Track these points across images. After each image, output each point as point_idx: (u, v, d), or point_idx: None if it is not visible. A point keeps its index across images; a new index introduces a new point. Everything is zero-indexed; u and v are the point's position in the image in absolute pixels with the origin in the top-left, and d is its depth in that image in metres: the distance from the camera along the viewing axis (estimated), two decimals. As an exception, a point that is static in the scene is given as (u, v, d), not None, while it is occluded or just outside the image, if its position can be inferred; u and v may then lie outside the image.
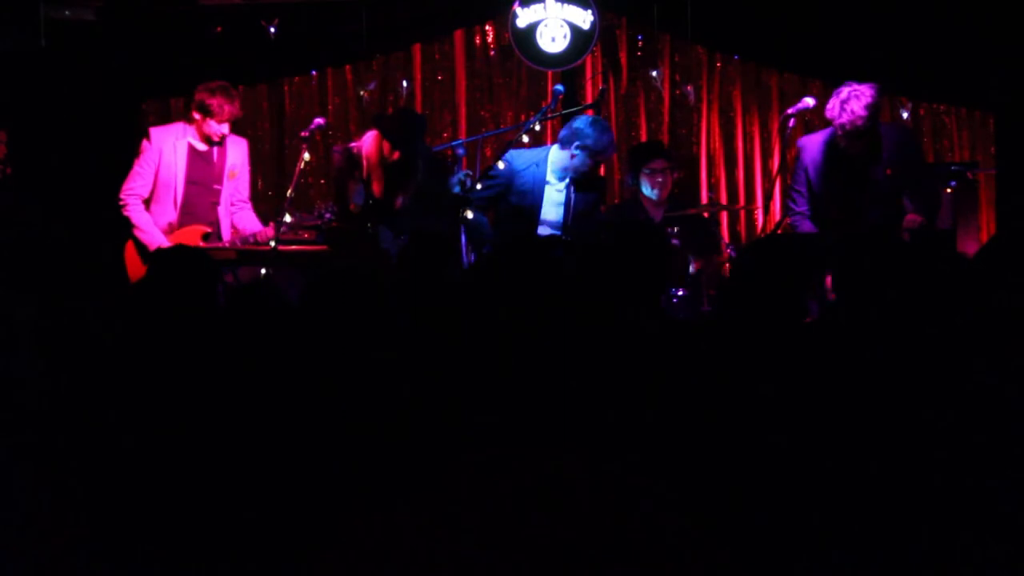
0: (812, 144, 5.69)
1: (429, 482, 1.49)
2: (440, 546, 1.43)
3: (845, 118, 5.32)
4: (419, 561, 1.42)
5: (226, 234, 6.09)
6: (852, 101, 5.32)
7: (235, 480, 2.44)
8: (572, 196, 6.00)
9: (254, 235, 6.02)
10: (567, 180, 5.98)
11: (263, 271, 6.07)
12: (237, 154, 6.18)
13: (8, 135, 6.28)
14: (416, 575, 1.42)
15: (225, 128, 6.00)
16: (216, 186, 6.08)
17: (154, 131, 6.06)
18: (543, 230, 5.99)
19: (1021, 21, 6.61)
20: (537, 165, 6.00)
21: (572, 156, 5.93)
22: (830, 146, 5.56)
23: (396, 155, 5.85)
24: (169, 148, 5.99)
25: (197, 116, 5.98)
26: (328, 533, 1.48)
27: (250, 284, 5.94)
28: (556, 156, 6.02)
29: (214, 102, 5.93)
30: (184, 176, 5.99)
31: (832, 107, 5.39)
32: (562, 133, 6.05)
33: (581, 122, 5.97)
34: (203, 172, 6.05)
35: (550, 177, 6.00)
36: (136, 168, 6.01)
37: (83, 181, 6.45)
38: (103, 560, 2.24)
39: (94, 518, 2.29)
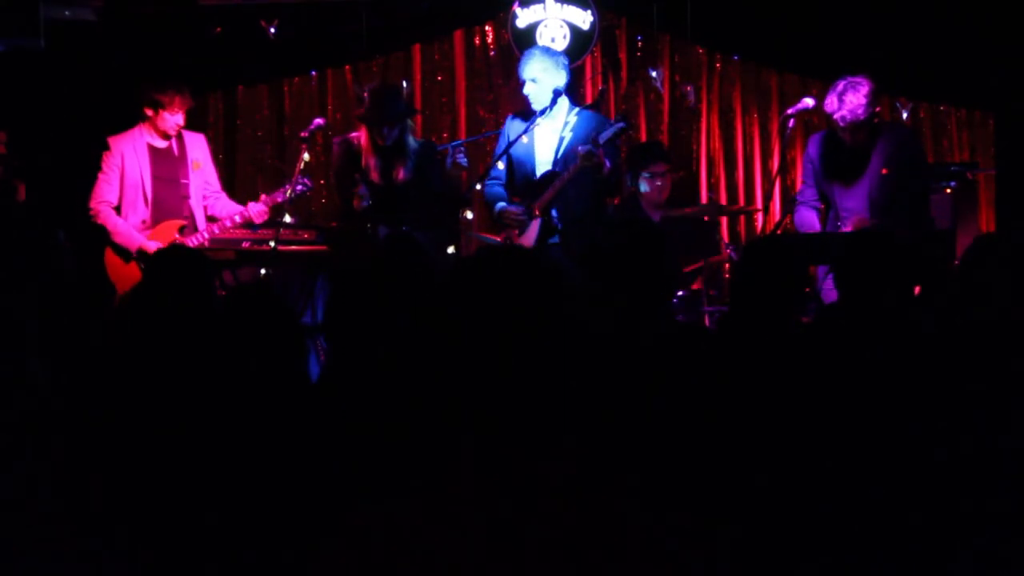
0: (816, 138, 5.76)
1: (429, 482, 1.49)
2: (441, 545, 1.43)
3: (845, 110, 5.32)
4: (420, 560, 1.42)
5: (201, 224, 6.11)
6: (849, 93, 5.32)
7: (236, 479, 2.44)
8: (565, 134, 5.89)
9: (241, 214, 6.03)
10: (548, 114, 5.89)
11: (263, 271, 6.07)
12: (197, 147, 6.25)
13: (8, 135, 6.28)
14: (417, 574, 1.42)
15: (179, 118, 6.04)
16: (183, 180, 6.14)
17: (112, 139, 6.10)
18: (540, 168, 5.90)
19: (1021, 21, 6.62)
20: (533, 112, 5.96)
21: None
22: (833, 140, 5.59)
23: (384, 131, 5.86)
24: (130, 151, 6.05)
25: (150, 112, 6.03)
26: (328, 532, 1.48)
27: (250, 284, 5.95)
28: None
29: (163, 96, 5.98)
30: (150, 174, 6.05)
31: (830, 102, 5.38)
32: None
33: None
34: (167, 168, 6.11)
35: (539, 119, 5.91)
36: (101, 178, 6.07)
37: (82, 182, 6.44)
38: (104, 560, 2.24)
39: (95, 518, 2.29)
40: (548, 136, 5.92)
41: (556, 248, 5.81)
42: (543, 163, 5.91)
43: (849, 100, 5.30)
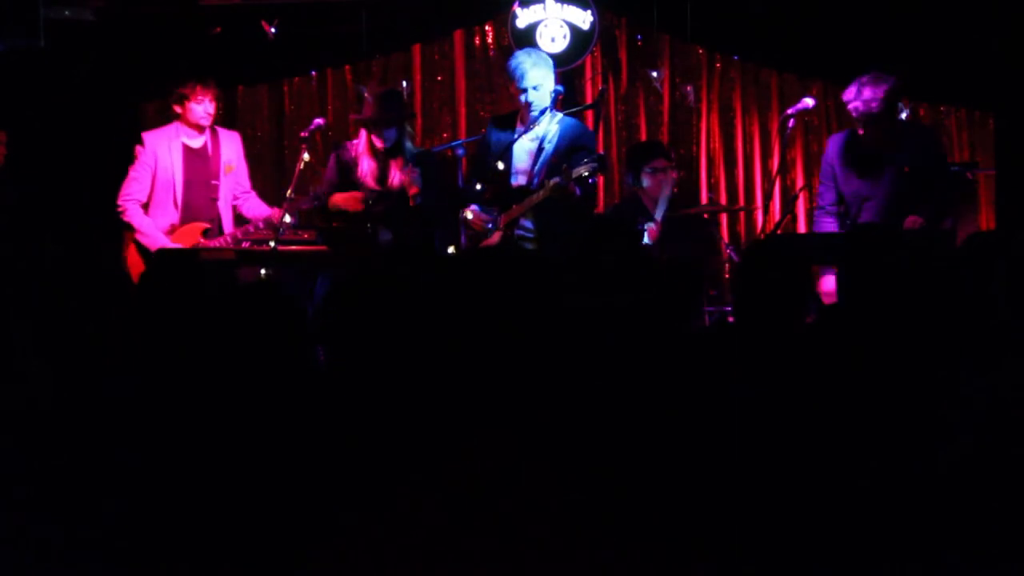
0: (836, 137, 5.82)
1: (428, 481, 1.50)
2: (438, 543, 1.43)
3: (860, 101, 5.40)
4: (419, 559, 1.42)
5: (227, 227, 6.12)
6: (869, 86, 5.40)
7: (233, 479, 2.44)
8: (546, 146, 5.88)
9: (267, 219, 6.05)
10: (533, 128, 5.89)
11: (263, 271, 6.07)
12: (231, 148, 6.25)
13: (8, 135, 6.29)
14: (414, 572, 1.42)
15: (209, 107, 6.04)
16: (214, 182, 6.14)
17: (147, 135, 6.10)
18: (517, 179, 5.92)
19: (1021, 21, 6.61)
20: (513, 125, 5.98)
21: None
22: (851, 137, 5.65)
23: (384, 133, 5.91)
24: (164, 150, 6.04)
25: (178, 108, 6.06)
26: (326, 531, 1.48)
27: (250, 284, 5.94)
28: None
29: (184, 87, 6.01)
30: (182, 176, 6.05)
31: (849, 91, 5.46)
32: None
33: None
34: (200, 170, 6.10)
35: (524, 134, 5.93)
36: (132, 174, 6.06)
37: (82, 182, 6.45)
38: (103, 561, 2.24)
39: (94, 520, 2.29)
40: (527, 143, 5.92)
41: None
42: (520, 171, 5.91)
43: (867, 92, 5.38)
